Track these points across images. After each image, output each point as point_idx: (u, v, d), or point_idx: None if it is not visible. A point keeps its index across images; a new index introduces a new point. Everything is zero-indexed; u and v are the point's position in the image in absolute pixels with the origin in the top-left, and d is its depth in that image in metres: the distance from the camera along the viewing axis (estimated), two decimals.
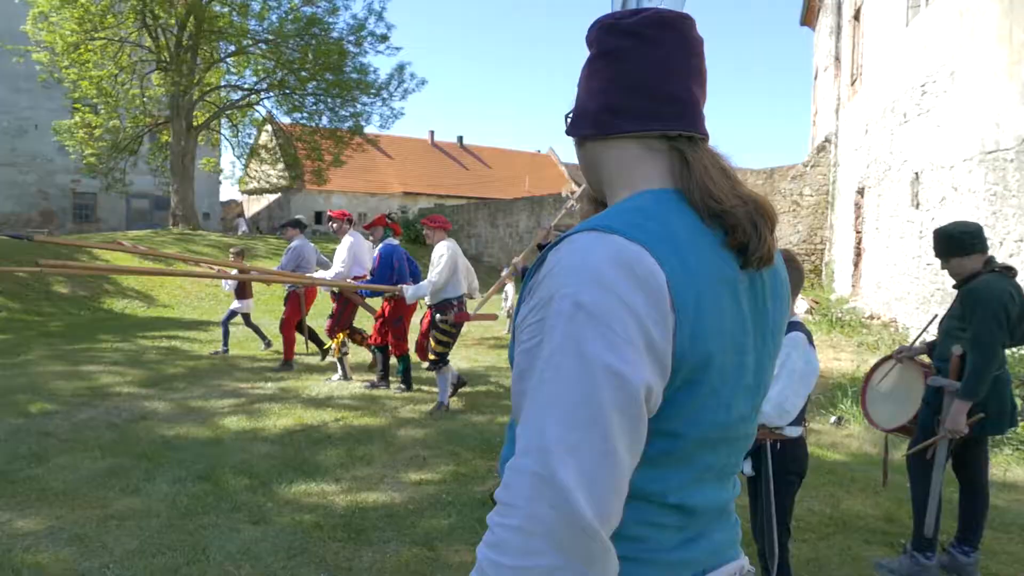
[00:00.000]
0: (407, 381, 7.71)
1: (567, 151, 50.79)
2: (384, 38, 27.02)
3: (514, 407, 1.05)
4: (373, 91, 27.28)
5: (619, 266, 0.94)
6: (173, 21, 24.83)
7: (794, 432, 3.00)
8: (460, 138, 49.33)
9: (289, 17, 25.82)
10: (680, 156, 1.09)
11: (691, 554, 1.05)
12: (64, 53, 23.78)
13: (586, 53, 1.18)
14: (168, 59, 25.08)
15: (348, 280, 7.90)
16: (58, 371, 8.44)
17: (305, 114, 27.69)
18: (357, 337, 8.51)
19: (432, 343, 6.75)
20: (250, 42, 26.42)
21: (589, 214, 1.16)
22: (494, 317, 7.82)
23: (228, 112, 28.39)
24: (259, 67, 27.63)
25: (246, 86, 28.21)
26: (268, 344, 10.47)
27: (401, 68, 27.57)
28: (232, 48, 27.01)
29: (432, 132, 48.08)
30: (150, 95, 26.40)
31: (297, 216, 8.96)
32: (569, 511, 0.85)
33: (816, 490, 4.82)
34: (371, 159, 37.95)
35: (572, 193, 8.07)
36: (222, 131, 30.30)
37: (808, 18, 22.38)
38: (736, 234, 1.03)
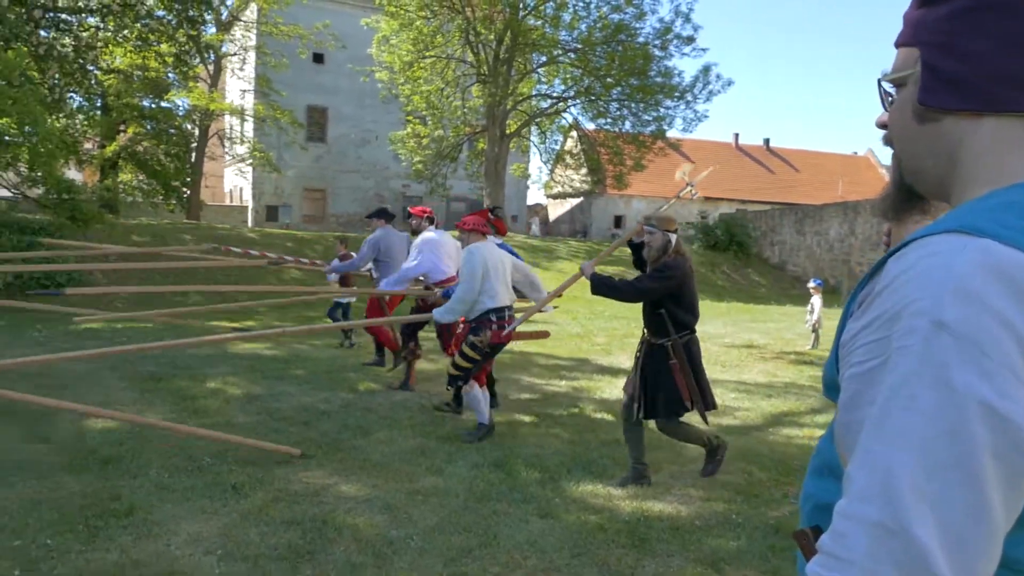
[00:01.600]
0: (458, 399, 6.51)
1: (889, 152, 46.10)
2: (690, 40, 26.68)
3: (839, 438, 0.88)
4: (677, 94, 27.06)
5: (993, 276, 0.73)
6: (492, 37, 26.77)
7: None
8: (766, 140, 47.16)
9: (597, 25, 26.54)
10: None
11: None
12: (401, 71, 26.81)
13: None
14: (487, 72, 27.10)
15: (429, 284, 6.99)
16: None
17: (609, 119, 28.29)
18: (411, 346, 7.55)
19: (456, 357, 5.76)
20: (560, 52, 27.62)
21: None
22: (545, 335, 6.43)
23: (538, 120, 29.95)
24: (567, 76, 28.78)
25: (555, 94, 29.54)
26: (351, 345, 10.23)
27: (707, 69, 27.03)
28: (543, 59, 28.44)
29: (737, 135, 46.53)
30: (470, 106, 28.75)
31: (383, 205, 8.31)
32: None
33: None
34: (672, 163, 37.57)
35: (686, 175, 6.34)
36: (531, 138, 32.06)
37: None
38: None
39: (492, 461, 5.17)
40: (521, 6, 26.09)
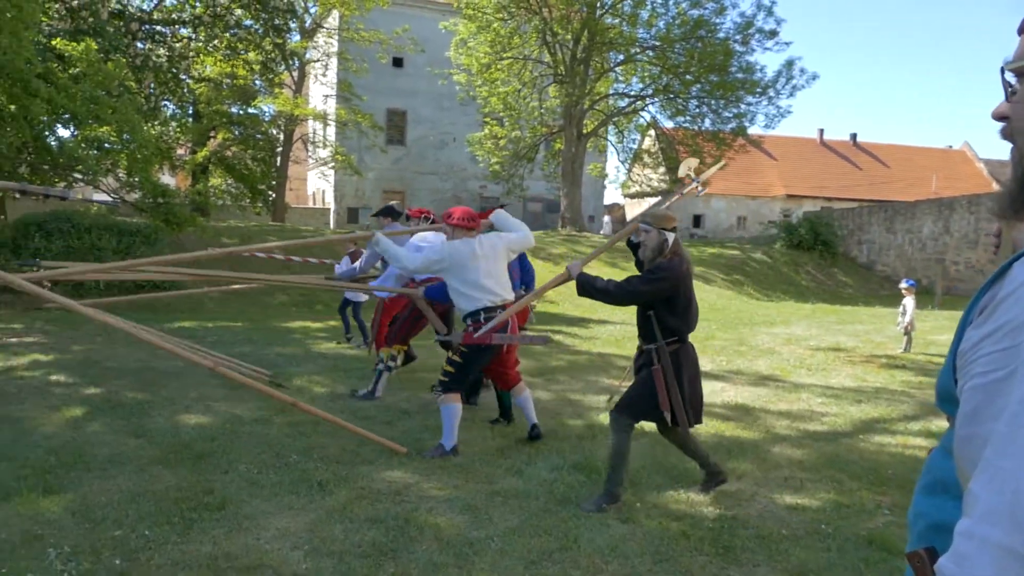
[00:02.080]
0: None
1: (988, 146, 43.89)
2: (773, 34, 26.06)
3: (958, 452, 0.83)
4: (759, 90, 26.46)
5: None
6: (569, 36, 26.72)
7: None
8: (853, 136, 45.57)
9: (676, 22, 26.18)
10: None
11: None
12: (478, 73, 27.05)
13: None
14: (564, 72, 27.07)
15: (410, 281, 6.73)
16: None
17: (688, 117, 27.88)
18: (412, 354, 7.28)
19: (444, 362, 5.38)
20: (638, 50, 27.37)
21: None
22: (544, 340, 5.81)
23: (615, 119, 29.74)
24: (645, 74, 28.50)
25: (632, 93, 29.30)
26: (368, 345, 9.76)
27: (790, 64, 26.37)
28: (621, 57, 28.22)
29: (821, 130, 45.21)
30: (547, 107, 28.76)
31: (391, 203, 7.81)
32: None
33: None
34: (754, 161, 36.87)
35: (691, 171, 5.73)
36: (608, 137, 31.86)
37: None
38: None
39: (572, 464, 5.14)
40: (598, 5, 25.97)
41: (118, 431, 5.54)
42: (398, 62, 34.48)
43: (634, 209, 43.01)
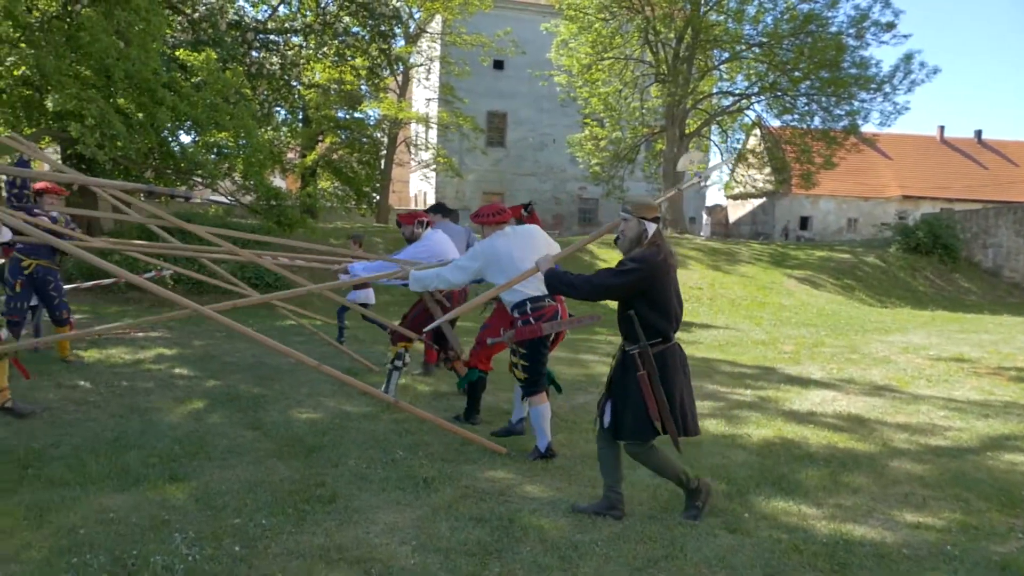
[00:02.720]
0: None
1: None
2: (890, 26, 24.88)
3: None
4: (873, 86, 25.31)
5: None
6: (672, 35, 26.30)
7: None
8: (978, 132, 43.00)
9: (784, 17, 25.36)
10: None
11: None
12: (579, 74, 26.99)
13: None
14: (666, 71, 26.66)
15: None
16: (561, 357, 9.51)
17: (796, 115, 26.96)
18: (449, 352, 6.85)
19: (514, 370, 5.25)
20: (743, 47, 26.66)
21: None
22: (594, 320, 5.37)
23: (719, 118, 29.08)
24: (751, 71, 27.74)
25: (737, 91, 28.60)
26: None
27: (908, 57, 25.09)
28: (726, 55, 27.56)
29: (942, 127, 42.75)
30: (648, 107, 28.40)
31: (440, 201, 7.51)
32: None
33: None
34: (866, 160, 35.29)
35: (693, 164, 5.18)
36: (711, 137, 31.17)
37: None
38: None
39: None
40: (703, 2, 25.46)
41: (236, 423, 5.81)
42: (499, 64, 34.81)
43: (737, 210, 41.93)
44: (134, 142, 14.00)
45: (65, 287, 7.84)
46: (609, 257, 21.38)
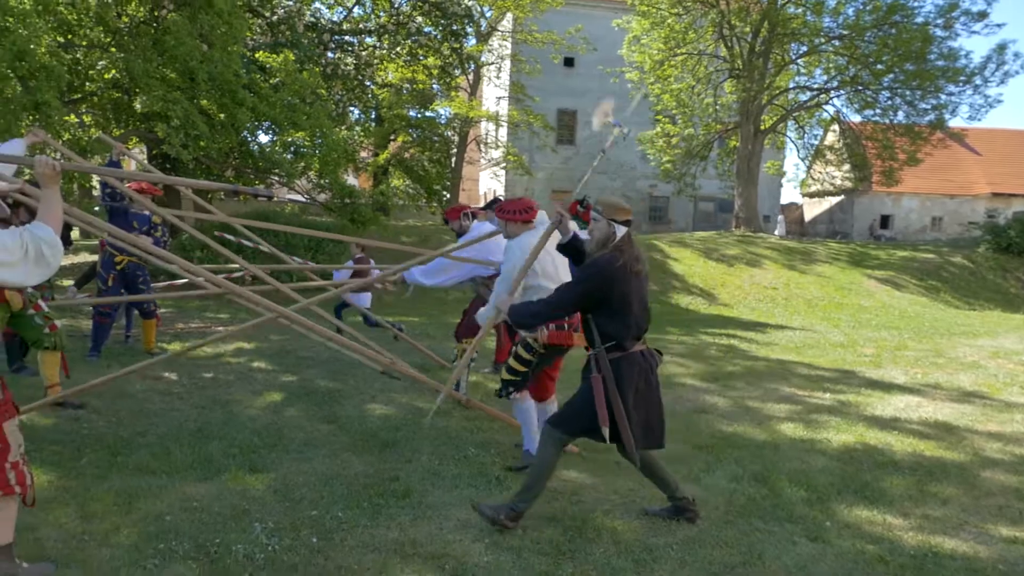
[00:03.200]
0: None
1: None
2: (982, 15, 23.75)
3: None
4: (963, 78, 24.17)
5: None
6: (748, 29, 25.71)
7: None
8: None
9: (867, 8, 24.46)
10: None
11: None
12: (651, 71, 26.62)
13: None
14: (741, 66, 26.08)
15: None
16: None
17: (878, 110, 26.02)
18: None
19: (510, 359, 4.91)
20: (823, 40, 25.86)
21: None
22: None
23: (795, 114, 28.30)
24: (830, 65, 26.91)
25: (815, 86, 27.75)
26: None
27: (1001, 48, 23.91)
28: (804, 48, 26.80)
29: None
30: (722, 103, 27.85)
31: (497, 195, 7.23)
32: None
33: None
34: (953, 156, 33.76)
35: (608, 115, 4.59)
36: (788, 133, 30.37)
37: None
38: None
39: (752, 474, 4.92)
40: None
41: (312, 417, 5.93)
42: (569, 62, 34.62)
43: (813, 209, 40.75)
44: (216, 142, 14.45)
45: (155, 284, 8.12)
46: (681, 256, 21.06)
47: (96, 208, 16.46)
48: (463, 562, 3.49)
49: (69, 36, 13.72)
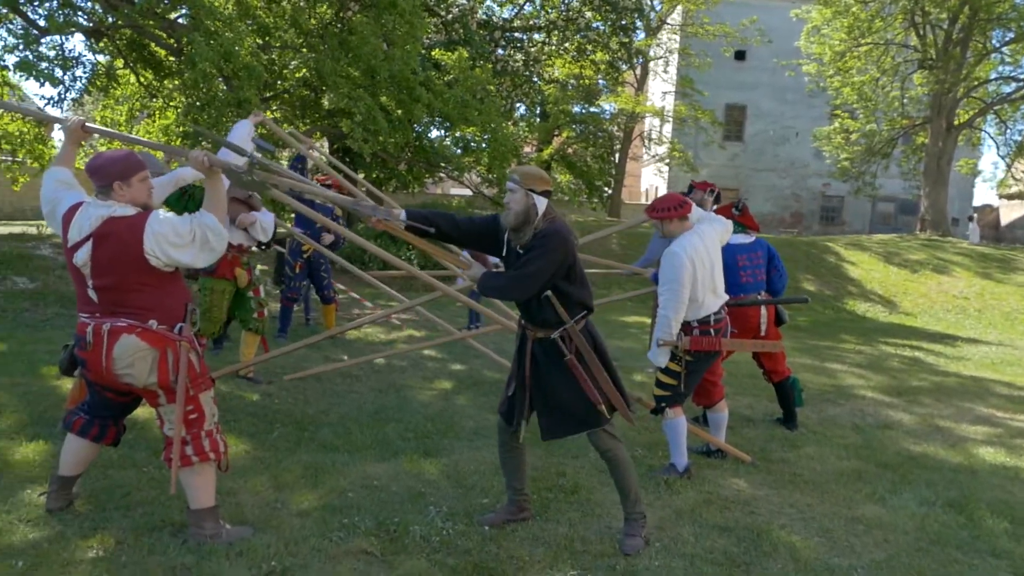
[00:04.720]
0: None
1: None
2: None
3: None
4: None
5: None
6: (944, 15, 23.71)
7: None
8: None
9: None
10: None
11: None
12: (831, 62, 25.15)
13: None
14: (934, 56, 24.10)
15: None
16: (806, 365, 8.95)
17: None
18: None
19: (657, 372, 4.60)
20: None
21: None
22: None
23: (997, 107, 25.79)
24: None
25: (1022, 76, 25.16)
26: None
27: None
28: (1011, 35, 24.35)
29: None
30: (910, 96, 25.88)
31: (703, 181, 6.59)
32: None
33: None
34: None
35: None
36: (986, 128, 27.78)
37: None
38: None
39: (946, 500, 4.53)
40: None
41: (480, 406, 6.07)
42: (740, 55, 33.42)
43: (1011, 212, 37.04)
44: (393, 137, 15.12)
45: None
46: (858, 259, 19.80)
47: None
48: (634, 564, 3.45)
49: (267, 38, 14.77)
